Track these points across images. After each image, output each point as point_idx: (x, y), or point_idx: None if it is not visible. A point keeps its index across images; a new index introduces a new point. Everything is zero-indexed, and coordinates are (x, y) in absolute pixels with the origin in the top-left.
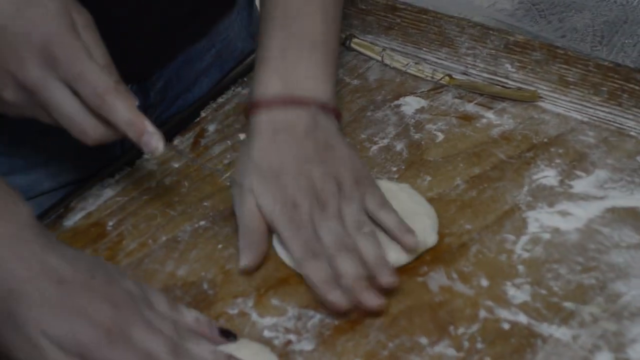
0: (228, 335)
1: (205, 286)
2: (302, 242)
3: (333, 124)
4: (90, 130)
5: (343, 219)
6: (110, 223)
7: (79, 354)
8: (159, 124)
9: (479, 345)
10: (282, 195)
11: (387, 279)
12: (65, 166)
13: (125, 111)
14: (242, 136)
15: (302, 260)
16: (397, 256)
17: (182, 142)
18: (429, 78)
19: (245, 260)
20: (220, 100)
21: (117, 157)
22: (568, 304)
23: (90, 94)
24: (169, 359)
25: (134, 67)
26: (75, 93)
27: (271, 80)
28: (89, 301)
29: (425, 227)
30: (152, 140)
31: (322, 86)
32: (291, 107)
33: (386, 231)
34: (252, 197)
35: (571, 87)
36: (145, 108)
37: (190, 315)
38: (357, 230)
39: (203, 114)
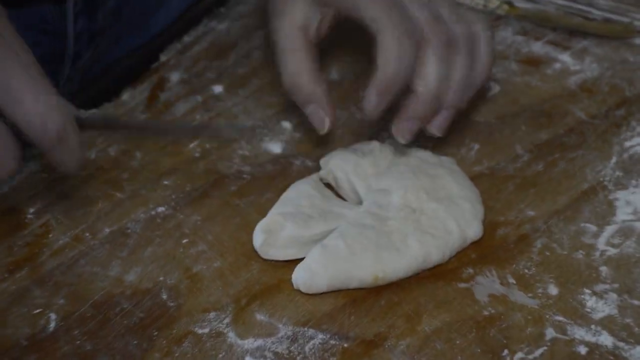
0: None
1: (165, 296)
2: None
3: None
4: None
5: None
6: (32, 209)
7: None
8: (101, 69)
9: None
10: None
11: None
12: None
13: None
14: (217, 89)
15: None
16: (425, 251)
17: (133, 96)
18: (480, 6)
19: (323, 123)
20: (187, 39)
21: None
22: None
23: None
24: None
25: None
26: None
27: None
28: None
29: (463, 214)
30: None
31: None
32: None
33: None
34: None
35: None
36: (90, 37)
37: None
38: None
39: (163, 58)
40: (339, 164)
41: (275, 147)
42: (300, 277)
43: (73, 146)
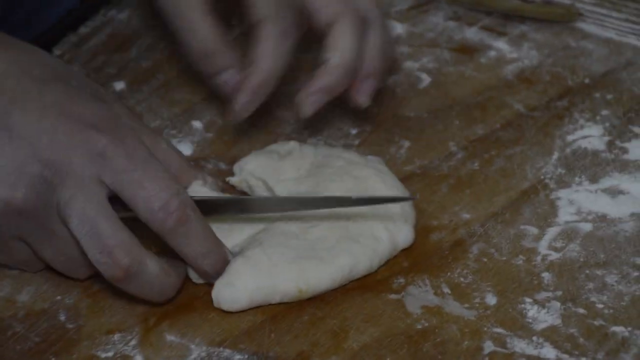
0: None
1: (63, 317)
2: None
3: None
4: None
5: None
6: None
7: None
8: None
9: None
10: None
11: None
12: None
13: None
14: (118, 85)
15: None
16: (352, 260)
17: None
18: None
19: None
20: (83, 30)
21: None
22: (618, 329)
23: None
24: None
25: None
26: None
27: None
28: None
29: (392, 219)
30: None
31: None
32: None
33: None
34: None
35: None
36: None
37: None
38: None
39: (58, 52)
40: (254, 171)
41: (185, 148)
42: (221, 294)
43: (197, 231)
